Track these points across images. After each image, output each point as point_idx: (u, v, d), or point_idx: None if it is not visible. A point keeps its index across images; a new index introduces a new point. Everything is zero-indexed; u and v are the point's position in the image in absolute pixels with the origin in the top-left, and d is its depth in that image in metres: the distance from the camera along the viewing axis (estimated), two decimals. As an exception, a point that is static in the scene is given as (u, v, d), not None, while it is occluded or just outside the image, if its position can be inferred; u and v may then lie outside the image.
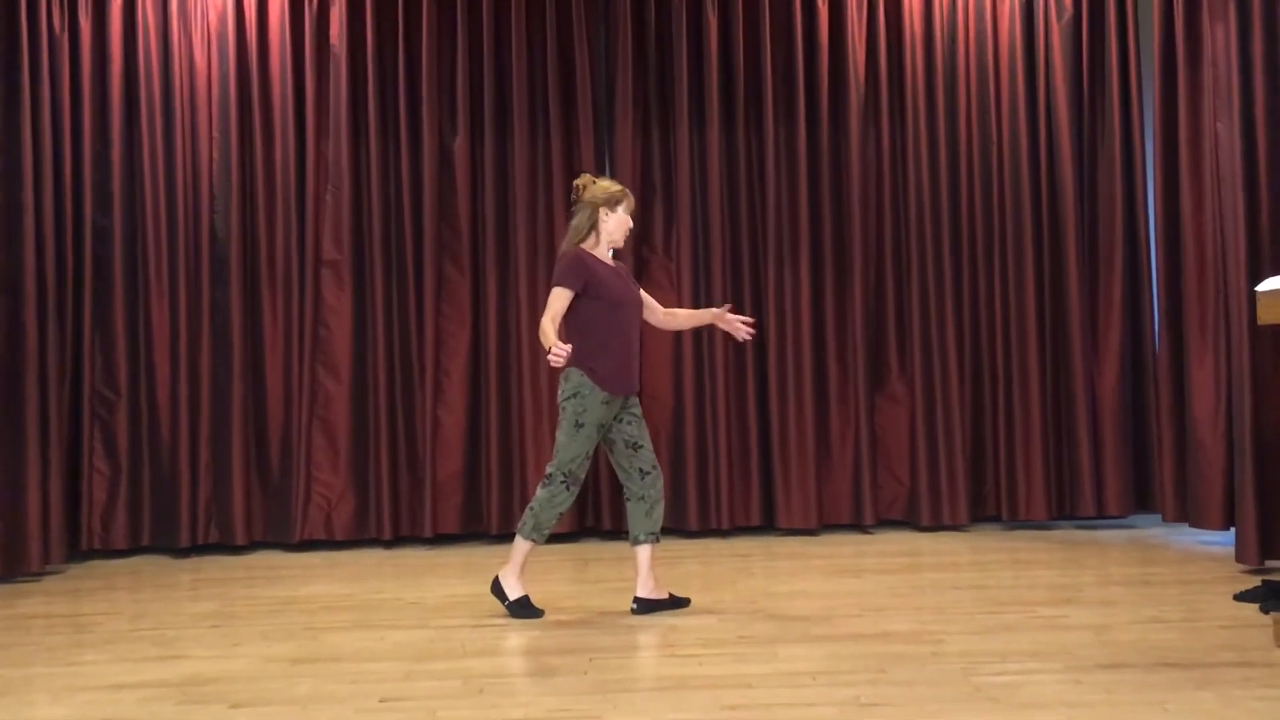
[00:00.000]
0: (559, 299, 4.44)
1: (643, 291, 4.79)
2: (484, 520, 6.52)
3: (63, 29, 6.34)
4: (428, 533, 6.43)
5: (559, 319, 4.44)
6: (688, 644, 4.06)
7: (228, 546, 6.41)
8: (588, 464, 4.54)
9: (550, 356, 4.22)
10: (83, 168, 6.39)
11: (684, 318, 5.01)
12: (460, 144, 6.60)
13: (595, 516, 6.56)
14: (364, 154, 6.58)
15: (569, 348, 4.27)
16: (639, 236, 6.55)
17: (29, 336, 5.84)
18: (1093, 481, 6.50)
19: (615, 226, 4.61)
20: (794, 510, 6.49)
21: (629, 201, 4.64)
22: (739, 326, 4.79)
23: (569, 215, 4.69)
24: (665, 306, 6.51)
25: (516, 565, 4.58)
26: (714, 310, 4.86)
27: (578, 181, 4.65)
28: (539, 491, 4.52)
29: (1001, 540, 6.20)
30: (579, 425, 4.45)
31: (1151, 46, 6.10)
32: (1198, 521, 5.66)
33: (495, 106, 6.60)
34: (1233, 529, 5.34)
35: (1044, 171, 6.64)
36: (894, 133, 6.71)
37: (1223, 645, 3.85)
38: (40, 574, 5.86)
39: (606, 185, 4.62)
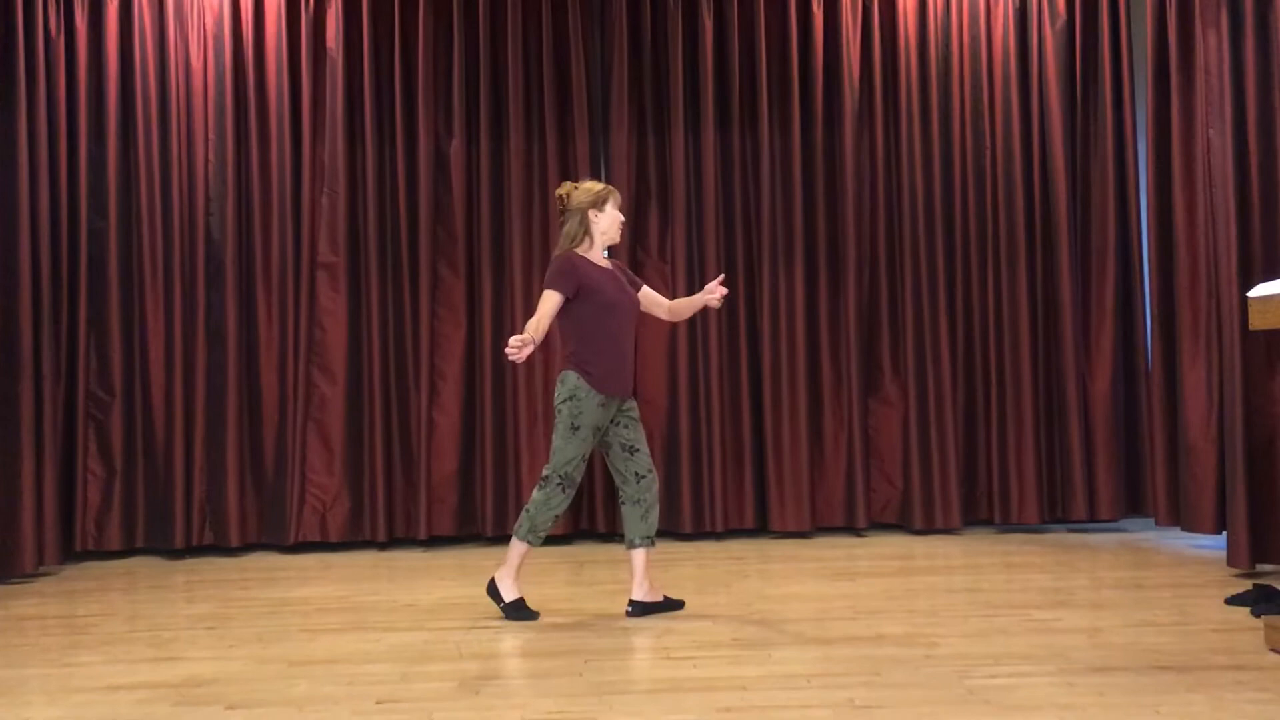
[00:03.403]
0: (548, 301, 4.45)
1: (646, 288, 4.79)
2: (478, 522, 6.53)
3: (59, 31, 6.35)
4: (422, 535, 6.44)
5: (546, 320, 4.45)
6: (683, 646, 4.08)
7: (222, 548, 6.41)
8: (584, 466, 4.56)
9: (509, 350, 4.15)
10: (78, 169, 6.39)
11: (684, 305, 4.94)
12: (456, 147, 6.61)
13: (590, 519, 6.57)
14: (360, 156, 6.58)
15: (526, 338, 4.20)
16: (633, 238, 6.57)
17: (24, 337, 5.85)
18: (1085, 485, 6.53)
19: (609, 224, 4.63)
20: (787, 513, 6.51)
21: (615, 197, 4.65)
22: (715, 292, 4.68)
23: (560, 226, 4.71)
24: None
25: (512, 567, 4.60)
26: (706, 290, 4.72)
27: (559, 191, 4.67)
28: (535, 494, 4.54)
29: (994, 543, 6.22)
30: (575, 428, 4.47)
31: (1144, 53, 6.13)
32: (1189, 525, 5.68)
33: (491, 109, 6.61)
34: (1224, 533, 5.37)
35: (1037, 176, 6.66)
36: (888, 136, 6.73)
37: (1214, 649, 3.88)
38: (34, 575, 5.86)
39: (589, 186, 4.65)
